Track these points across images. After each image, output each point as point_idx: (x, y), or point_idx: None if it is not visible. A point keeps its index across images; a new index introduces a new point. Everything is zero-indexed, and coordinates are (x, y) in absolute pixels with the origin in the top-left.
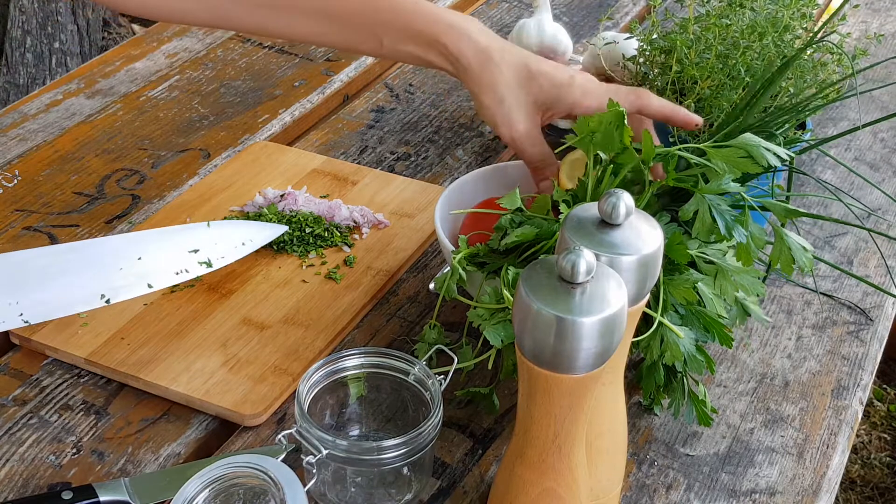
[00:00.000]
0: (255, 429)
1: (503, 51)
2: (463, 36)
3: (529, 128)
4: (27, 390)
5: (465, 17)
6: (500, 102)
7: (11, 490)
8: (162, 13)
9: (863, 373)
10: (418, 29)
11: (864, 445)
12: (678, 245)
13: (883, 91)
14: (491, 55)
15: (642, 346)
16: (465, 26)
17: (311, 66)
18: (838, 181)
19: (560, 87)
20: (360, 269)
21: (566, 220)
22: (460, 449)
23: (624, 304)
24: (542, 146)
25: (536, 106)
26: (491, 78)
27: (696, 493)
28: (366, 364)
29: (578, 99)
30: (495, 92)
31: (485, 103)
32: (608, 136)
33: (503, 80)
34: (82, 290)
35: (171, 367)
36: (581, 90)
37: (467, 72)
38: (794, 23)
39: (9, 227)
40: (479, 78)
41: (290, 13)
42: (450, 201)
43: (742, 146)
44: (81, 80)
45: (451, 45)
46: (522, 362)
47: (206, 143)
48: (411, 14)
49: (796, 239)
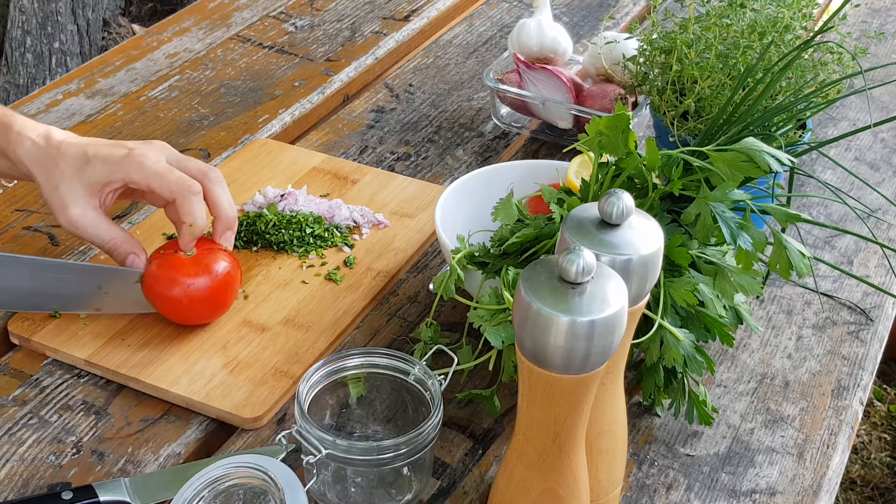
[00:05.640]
0: (256, 429)
1: (63, 144)
2: (25, 140)
3: (86, 209)
4: (27, 390)
5: (35, 123)
6: (54, 190)
7: (11, 490)
8: None
9: (863, 373)
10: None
11: (864, 445)
12: (679, 247)
13: (883, 91)
14: (48, 151)
15: (642, 347)
16: (27, 133)
17: (311, 66)
18: (839, 180)
19: (112, 163)
20: (360, 270)
21: (566, 220)
22: (460, 449)
23: (624, 304)
24: (105, 226)
25: (91, 187)
26: (47, 171)
27: (696, 493)
28: (366, 364)
29: (129, 172)
30: (50, 182)
31: (45, 194)
32: (614, 139)
33: (58, 171)
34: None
35: (171, 370)
36: (136, 164)
37: (32, 171)
38: (794, 23)
39: (9, 227)
40: (39, 174)
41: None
42: (450, 201)
43: (744, 150)
44: (81, 80)
45: (11, 153)
46: (522, 362)
47: (206, 143)
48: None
49: (795, 244)
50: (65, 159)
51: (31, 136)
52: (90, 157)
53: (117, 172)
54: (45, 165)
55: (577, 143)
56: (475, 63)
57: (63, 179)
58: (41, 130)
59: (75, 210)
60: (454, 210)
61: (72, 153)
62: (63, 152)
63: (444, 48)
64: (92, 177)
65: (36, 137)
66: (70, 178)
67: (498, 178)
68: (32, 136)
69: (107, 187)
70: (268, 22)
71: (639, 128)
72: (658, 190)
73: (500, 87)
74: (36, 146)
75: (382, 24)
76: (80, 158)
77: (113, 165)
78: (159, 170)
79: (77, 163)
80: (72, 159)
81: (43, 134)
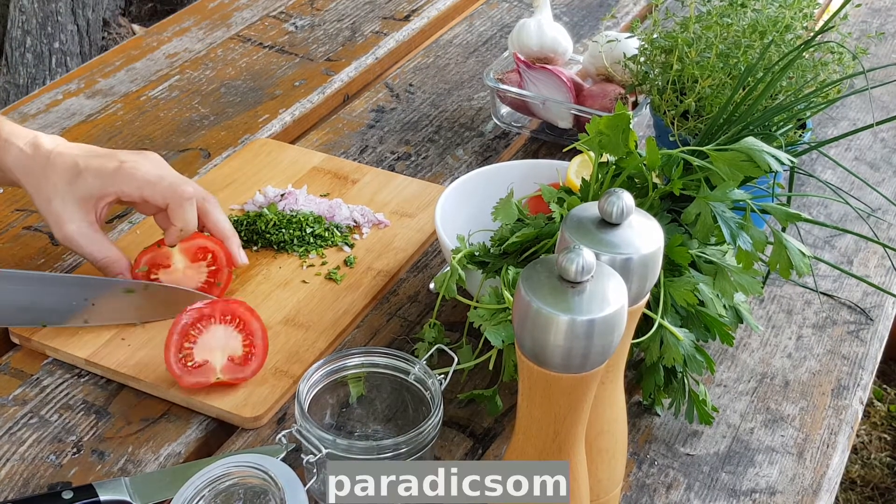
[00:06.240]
0: (256, 428)
1: (52, 154)
2: (12, 147)
3: (81, 226)
4: (27, 390)
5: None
6: (47, 203)
7: (12, 490)
8: None
9: (863, 372)
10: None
11: (864, 445)
12: (679, 247)
13: (883, 91)
14: (36, 160)
15: (642, 346)
16: (14, 140)
17: (311, 66)
18: (839, 180)
19: (104, 176)
20: (360, 270)
21: (566, 219)
22: (460, 449)
23: (624, 304)
24: (100, 244)
25: (85, 201)
26: (37, 183)
27: (696, 492)
28: (366, 364)
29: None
30: (41, 193)
31: (38, 206)
32: (614, 139)
33: (50, 183)
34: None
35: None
36: (128, 176)
37: (21, 181)
38: (795, 22)
39: (9, 227)
40: (28, 184)
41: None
42: (450, 201)
43: (744, 150)
44: (81, 80)
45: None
46: (522, 362)
47: (206, 143)
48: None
49: (795, 244)
50: (55, 171)
51: (19, 144)
52: (81, 169)
53: (110, 186)
54: (34, 176)
55: (577, 142)
56: (475, 63)
57: (56, 193)
58: (29, 138)
59: (71, 227)
60: (454, 210)
61: (61, 164)
62: (53, 163)
63: (444, 48)
64: (84, 190)
65: (24, 146)
66: (63, 192)
67: (498, 177)
68: (20, 143)
69: (101, 201)
70: (268, 22)
71: (639, 127)
72: (658, 189)
73: (500, 87)
74: (24, 154)
75: (382, 24)
76: (71, 170)
77: (105, 179)
78: (150, 179)
79: (68, 175)
80: (62, 171)
81: (31, 142)
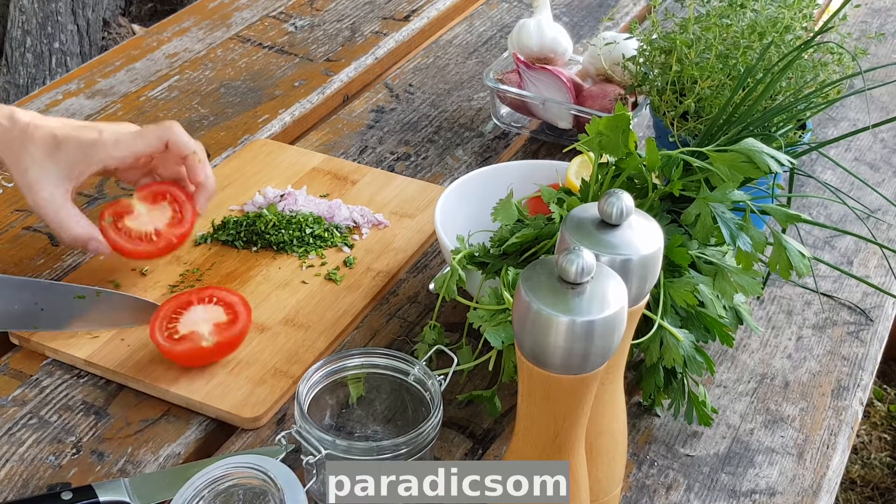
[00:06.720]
0: (255, 429)
1: (30, 126)
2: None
3: (54, 194)
4: (27, 390)
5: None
6: (24, 173)
7: (11, 490)
8: None
9: (863, 373)
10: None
11: (864, 445)
12: (679, 248)
13: (883, 91)
14: (13, 133)
15: (642, 347)
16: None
17: (311, 66)
18: (839, 180)
19: (86, 147)
20: (360, 270)
21: (566, 220)
22: (460, 449)
23: (624, 305)
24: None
25: (66, 173)
26: (16, 154)
27: (696, 493)
28: (366, 364)
29: (110, 151)
30: (19, 165)
31: (15, 176)
32: (614, 139)
33: (28, 154)
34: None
35: (170, 369)
36: (112, 142)
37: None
38: (794, 23)
39: (9, 227)
40: (7, 157)
41: None
42: (450, 201)
43: (744, 151)
44: (81, 80)
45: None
46: (522, 362)
47: (206, 143)
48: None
49: (795, 244)
50: (34, 142)
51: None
52: (60, 140)
53: (94, 155)
54: (12, 148)
55: (577, 143)
56: (475, 63)
57: (34, 162)
58: (5, 112)
59: (44, 193)
60: (454, 210)
61: (39, 136)
62: (31, 135)
63: (444, 48)
64: (66, 161)
65: (1, 119)
66: (41, 162)
67: (497, 178)
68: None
69: (84, 173)
70: (268, 22)
71: (639, 128)
72: (658, 190)
73: (500, 87)
74: (1, 128)
75: (382, 24)
76: (51, 142)
77: (87, 149)
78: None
79: (47, 146)
80: (41, 142)
81: (7, 115)
